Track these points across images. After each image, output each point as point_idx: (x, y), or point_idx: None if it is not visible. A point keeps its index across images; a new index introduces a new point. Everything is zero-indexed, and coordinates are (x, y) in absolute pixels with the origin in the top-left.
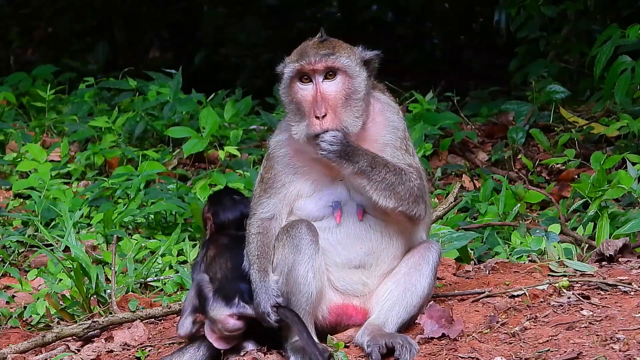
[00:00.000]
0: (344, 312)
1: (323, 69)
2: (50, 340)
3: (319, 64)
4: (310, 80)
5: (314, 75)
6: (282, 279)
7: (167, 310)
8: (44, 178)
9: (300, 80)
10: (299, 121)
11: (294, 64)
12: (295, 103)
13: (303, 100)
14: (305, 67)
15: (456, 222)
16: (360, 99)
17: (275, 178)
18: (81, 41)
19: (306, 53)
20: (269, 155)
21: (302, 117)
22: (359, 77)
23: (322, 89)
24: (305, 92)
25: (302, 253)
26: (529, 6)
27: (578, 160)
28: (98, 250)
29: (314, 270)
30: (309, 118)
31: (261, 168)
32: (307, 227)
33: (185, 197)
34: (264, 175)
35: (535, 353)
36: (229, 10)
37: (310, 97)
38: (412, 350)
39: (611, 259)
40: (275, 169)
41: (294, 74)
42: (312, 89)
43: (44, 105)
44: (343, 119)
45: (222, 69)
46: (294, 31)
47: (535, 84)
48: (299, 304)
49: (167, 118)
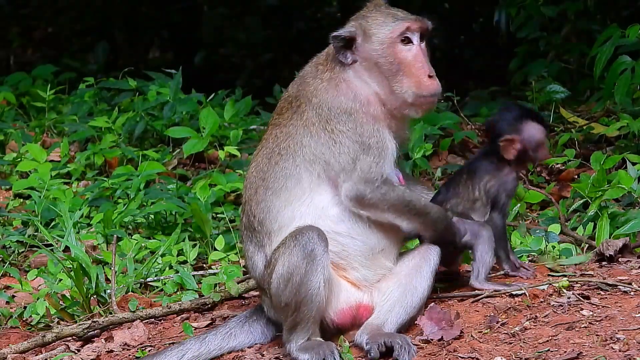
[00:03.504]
0: (357, 313)
1: (426, 30)
2: (50, 340)
3: (427, 24)
4: (410, 41)
5: (414, 36)
6: (290, 288)
7: (167, 310)
8: (44, 178)
9: (402, 41)
10: (401, 82)
11: (397, 23)
12: (398, 63)
13: (408, 61)
14: (412, 26)
15: None
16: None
17: (382, 139)
18: (81, 41)
19: (402, 15)
20: (358, 120)
21: (405, 77)
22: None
23: (424, 48)
24: (409, 52)
25: (315, 263)
26: (529, 6)
27: (578, 160)
28: (98, 250)
29: (325, 279)
30: (418, 78)
31: (350, 136)
32: (318, 235)
33: (185, 197)
34: (366, 141)
35: (535, 353)
36: (229, 10)
37: (416, 57)
38: (410, 351)
39: (611, 259)
40: (380, 131)
41: (400, 32)
42: (416, 50)
43: (44, 105)
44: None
45: (222, 69)
46: (294, 31)
47: (535, 84)
48: (309, 313)
49: (167, 118)
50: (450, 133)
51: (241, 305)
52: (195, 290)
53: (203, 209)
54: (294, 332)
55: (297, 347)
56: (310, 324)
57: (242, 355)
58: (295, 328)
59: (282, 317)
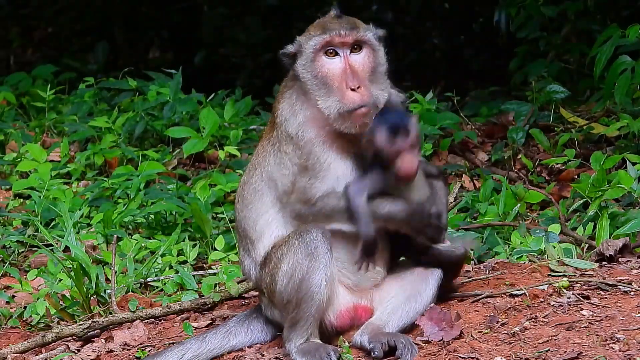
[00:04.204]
0: (355, 314)
1: (352, 42)
2: (50, 340)
3: (349, 37)
4: (337, 54)
5: (341, 49)
6: (292, 285)
7: (167, 310)
8: (44, 178)
9: (326, 54)
10: (326, 96)
11: (320, 37)
12: (322, 77)
13: (331, 74)
14: (335, 40)
15: (456, 222)
16: (384, 72)
17: (319, 160)
18: (81, 41)
19: (331, 26)
20: (297, 143)
21: (329, 92)
22: (381, 51)
23: (352, 60)
24: (332, 65)
25: (317, 261)
26: (529, 6)
27: (578, 160)
28: (98, 250)
29: (327, 278)
30: (341, 92)
31: (290, 159)
32: (322, 234)
33: (185, 197)
34: (304, 164)
35: (535, 353)
36: (229, 10)
37: (339, 70)
38: (413, 351)
39: (611, 259)
40: (315, 153)
41: (321, 47)
42: (341, 62)
43: (44, 105)
44: (373, 92)
45: (222, 69)
46: (293, 31)
47: (535, 84)
48: (309, 311)
49: (167, 118)
50: (450, 133)
51: (241, 305)
52: (195, 290)
53: (203, 209)
54: (294, 330)
55: (296, 349)
56: (310, 323)
57: (242, 355)
58: (295, 326)
59: (283, 314)
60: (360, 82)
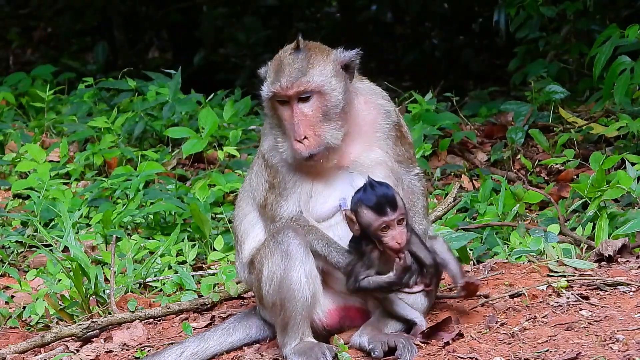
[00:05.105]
0: (346, 315)
1: (296, 95)
2: (50, 340)
3: (291, 90)
4: (287, 101)
5: (289, 99)
6: (273, 287)
7: (166, 310)
8: (43, 178)
9: (277, 101)
10: (282, 137)
11: (269, 87)
12: (276, 119)
13: (283, 120)
14: (281, 93)
15: (455, 222)
16: (339, 110)
17: (285, 179)
18: (81, 41)
19: (280, 74)
20: (267, 163)
21: (284, 134)
22: (336, 90)
23: (299, 110)
24: (283, 112)
25: (292, 258)
26: (528, 6)
27: (577, 161)
28: (97, 251)
29: (306, 274)
30: (291, 140)
31: (263, 175)
32: (294, 232)
33: (184, 198)
34: (271, 181)
35: (535, 353)
36: (229, 10)
37: (289, 117)
38: (412, 351)
39: (610, 259)
40: (281, 173)
41: (272, 94)
42: (289, 111)
43: (43, 105)
44: (324, 136)
45: (221, 69)
46: (293, 31)
47: (534, 84)
48: (295, 309)
49: (167, 118)
50: (449, 133)
51: (240, 305)
52: (195, 290)
53: (202, 209)
54: (286, 334)
55: (292, 351)
56: (299, 323)
57: (242, 355)
58: (286, 329)
59: (273, 320)
60: (307, 131)
